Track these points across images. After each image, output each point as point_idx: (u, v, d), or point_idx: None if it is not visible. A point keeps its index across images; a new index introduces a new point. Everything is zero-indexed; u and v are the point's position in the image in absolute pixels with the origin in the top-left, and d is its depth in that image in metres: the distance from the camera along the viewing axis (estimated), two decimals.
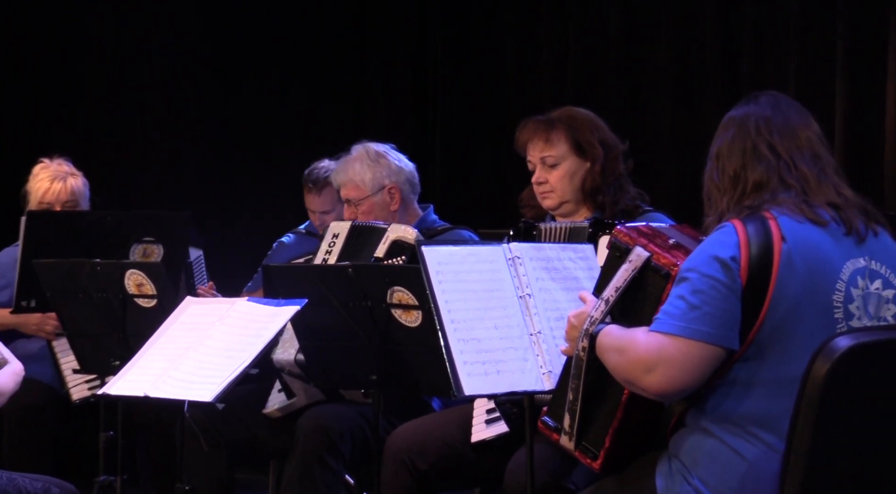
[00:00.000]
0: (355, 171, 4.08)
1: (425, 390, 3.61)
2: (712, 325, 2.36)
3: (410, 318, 3.23)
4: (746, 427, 2.41)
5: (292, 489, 3.72)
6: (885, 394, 2.27)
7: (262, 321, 3.29)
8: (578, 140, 3.50)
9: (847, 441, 2.26)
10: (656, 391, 2.39)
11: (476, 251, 2.98)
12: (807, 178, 2.49)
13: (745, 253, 2.38)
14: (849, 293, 2.43)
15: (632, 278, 2.49)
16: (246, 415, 3.94)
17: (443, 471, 3.40)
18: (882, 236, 2.53)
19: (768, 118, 2.53)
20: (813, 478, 2.24)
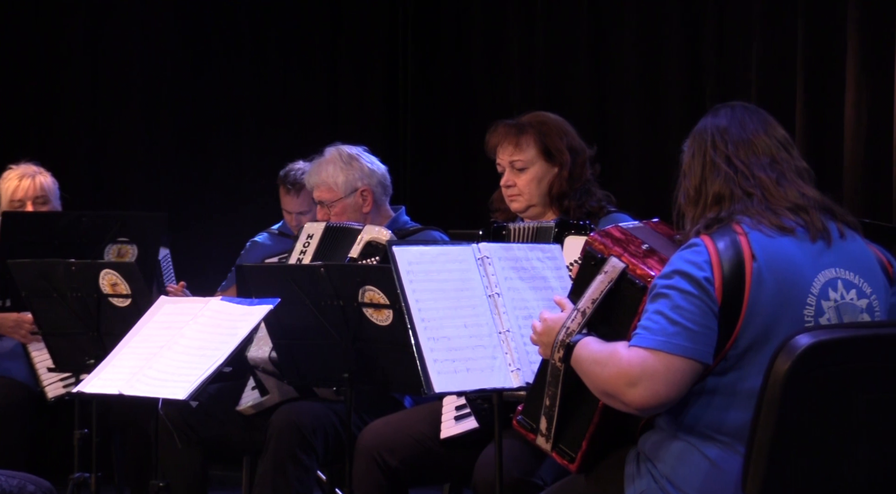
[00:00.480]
0: (328, 173, 4.08)
1: (396, 387, 3.61)
2: (693, 341, 2.36)
3: (381, 317, 3.23)
4: (715, 436, 2.42)
5: (265, 485, 3.71)
6: (844, 391, 2.28)
7: (236, 320, 3.28)
8: (547, 146, 3.51)
9: (807, 437, 2.27)
10: (639, 405, 2.37)
11: (446, 251, 2.98)
12: (766, 184, 2.48)
13: (718, 273, 2.38)
14: (819, 307, 2.43)
15: (608, 291, 2.48)
16: (219, 412, 3.93)
17: (413, 467, 3.40)
18: (850, 238, 2.52)
19: (724, 130, 2.53)
20: (774, 473, 2.25)
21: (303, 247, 3.92)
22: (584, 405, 2.53)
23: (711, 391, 2.42)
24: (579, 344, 2.48)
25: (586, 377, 2.46)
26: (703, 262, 2.39)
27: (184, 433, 3.88)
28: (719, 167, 2.50)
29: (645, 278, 2.45)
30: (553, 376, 2.54)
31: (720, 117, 2.57)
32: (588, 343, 2.47)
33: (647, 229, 2.67)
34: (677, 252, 2.45)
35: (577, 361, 2.48)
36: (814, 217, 2.47)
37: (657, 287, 2.42)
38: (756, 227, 2.44)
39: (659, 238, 2.63)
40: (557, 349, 2.51)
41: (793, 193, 2.49)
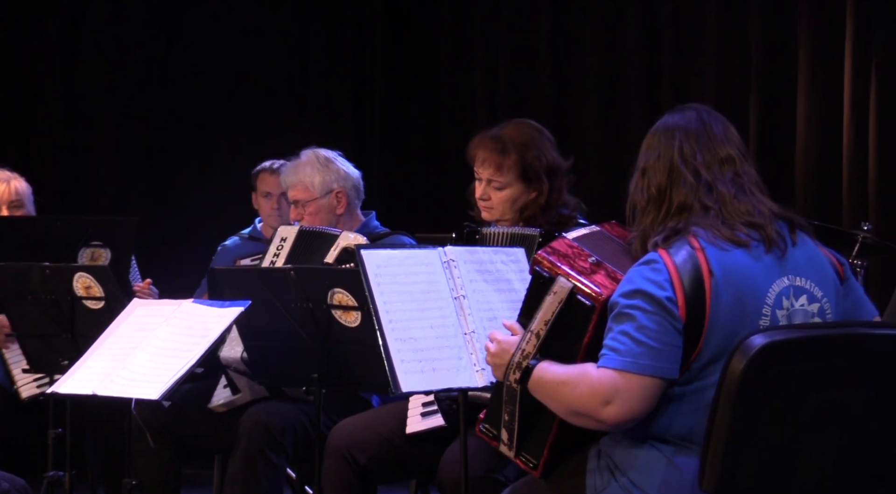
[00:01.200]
0: (306, 173, 4.07)
1: (364, 387, 3.61)
2: (658, 359, 2.37)
3: (350, 318, 3.23)
4: (676, 442, 2.43)
5: (236, 483, 3.70)
6: (796, 390, 2.30)
7: (208, 322, 3.28)
8: (527, 171, 3.45)
9: (762, 434, 2.29)
10: (614, 422, 2.38)
11: (413, 255, 2.99)
12: (725, 199, 2.47)
13: (680, 292, 2.38)
14: (774, 317, 2.44)
15: (559, 312, 2.46)
16: (192, 412, 3.92)
17: (381, 464, 3.40)
18: (806, 245, 2.53)
19: (693, 138, 2.52)
20: (730, 470, 2.27)
21: (276, 250, 3.92)
22: (543, 418, 2.52)
23: (678, 400, 2.42)
24: (538, 368, 2.46)
25: (551, 399, 2.44)
26: (664, 281, 2.39)
27: (156, 432, 3.87)
28: (686, 177, 2.49)
29: (594, 299, 2.43)
30: (510, 395, 2.53)
31: (688, 121, 2.54)
32: (549, 367, 2.45)
33: (602, 233, 2.66)
34: (636, 268, 2.44)
35: (539, 383, 2.46)
36: (768, 231, 2.47)
37: (620, 306, 2.40)
38: (712, 241, 2.43)
39: (613, 242, 2.63)
40: (513, 370, 2.49)
41: (749, 208, 2.48)
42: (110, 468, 4.17)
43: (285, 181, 4.15)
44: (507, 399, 2.54)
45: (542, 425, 2.54)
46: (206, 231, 5.85)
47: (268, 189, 4.78)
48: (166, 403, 3.76)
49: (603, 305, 2.43)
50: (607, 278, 2.47)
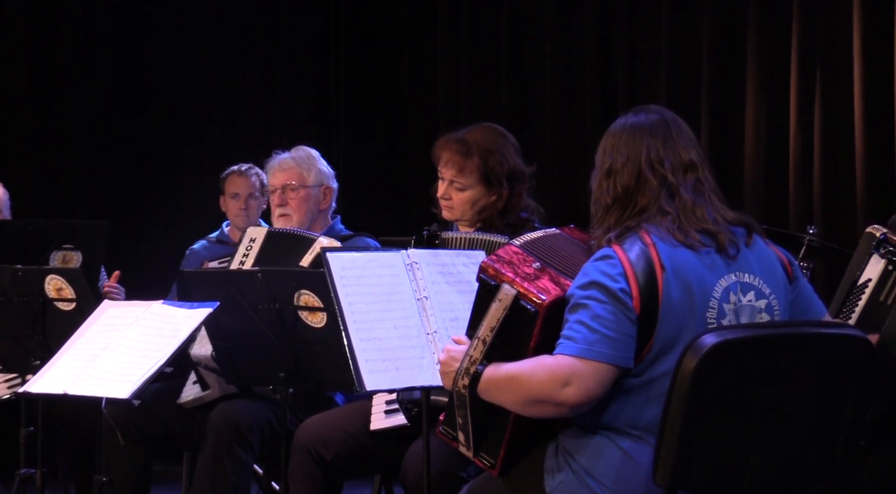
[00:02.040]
0: (304, 160, 4.10)
1: (330, 386, 3.61)
2: (613, 348, 2.38)
3: (316, 319, 3.23)
4: (631, 431, 2.45)
5: (204, 478, 3.69)
6: (745, 386, 2.32)
7: (177, 323, 3.27)
8: (489, 175, 3.45)
9: (712, 429, 2.31)
10: (573, 403, 2.37)
11: (377, 257, 2.99)
12: (685, 206, 2.49)
13: (634, 285, 2.40)
14: (721, 310, 2.46)
15: (504, 318, 2.46)
16: (161, 410, 3.90)
17: (346, 460, 3.40)
18: (757, 246, 2.55)
19: (660, 142, 2.53)
20: (682, 463, 2.29)
21: (245, 250, 3.89)
22: (497, 419, 2.52)
23: (628, 391, 2.44)
24: (487, 370, 2.45)
25: (507, 393, 2.43)
26: (617, 274, 2.40)
27: (127, 430, 3.84)
28: (651, 182, 2.50)
29: (536, 303, 2.43)
30: (460, 400, 2.52)
31: (654, 125, 2.55)
32: (499, 366, 2.45)
33: (560, 235, 2.66)
34: (591, 262, 2.45)
35: (491, 383, 2.45)
36: (721, 238, 2.49)
37: (576, 297, 2.41)
38: (662, 237, 2.45)
39: (572, 244, 2.63)
40: (461, 377, 2.48)
41: (706, 217, 2.50)
42: (81, 465, 4.14)
43: (282, 165, 4.11)
44: (459, 404, 2.53)
45: (496, 425, 2.53)
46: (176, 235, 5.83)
47: (235, 190, 4.80)
48: (136, 402, 3.73)
49: (547, 309, 2.42)
50: (551, 282, 2.46)
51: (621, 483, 2.43)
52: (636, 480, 2.41)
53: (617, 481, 2.43)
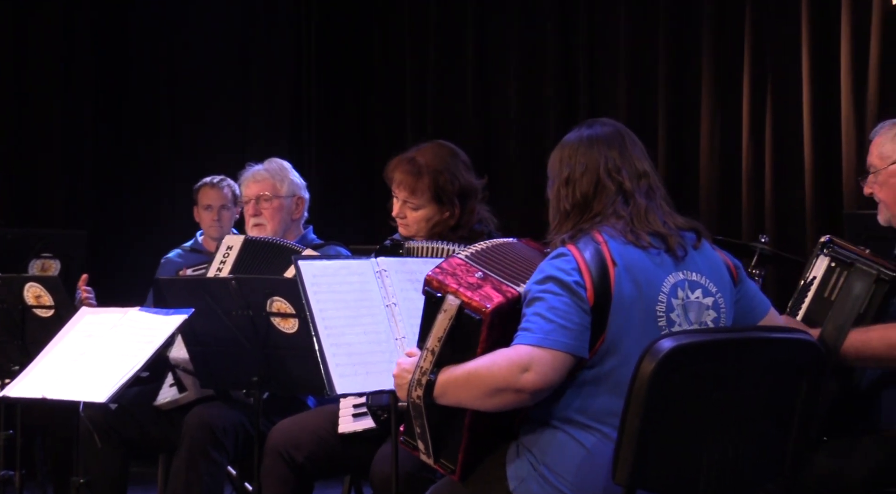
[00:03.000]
0: (277, 173, 4.10)
1: (301, 389, 3.60)
2: (568, 337, 2.39)
3: (288, 325, 3.22)
4: (590, 423, 2.45)
5: (179, 480, 3.67)
6: (701, 389, 2.34)
7: (153, 329, 3.25)
8: (440, 193, 3.44)
9: (669, 430, 2.32)
10: (532, 388, 2.37)
11: (347, 265, 2.99)
12: (639, 211, 2.52)
13: (588, 278, 2.42)
14: (669, 304, 2.48)
15: (450, 327, 2.45)
16: (137, 414, 3.87)
17: (317, 462, 3.39)
18: (704, 249, 2.58)
19: (616, 153, 2.56)
20: (640, 462, 2.30)
21: (223, 257, 3.87)
22: (453, 425, 2.51)
23: (581, 383, 2.45)
24: (441, 374, 2.45)
25: (467, 390, 2.42)
26: (571, 269, 2.43)
27: (104, 433, 3.82)
28: (608, 189, 2.54)
29: (480, 311, 2.42)
30: (416, 411, 2.51)
31: (610, 137, 2.59)
32: (454, 367, 2.44)
33: (516, 244, 2.67)
34: (547, 261, 2.48)
35: (448, 385, 2.44)
36: (671, 240, 2.52)
37: (532, 292, 2.44)
38: (613, 236, 2.49)
39: (526, 251, 2.64)
40: (414, 388, 2.48)
41: (657, 221, 2.54)
42: (59, 467, 4.12)
43: (256, 176, 4.10)
44: (415, 414, 2.52)
45: (452, 432, 2.52)
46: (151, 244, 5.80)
47: (208, 202, 4.77)
48: (113, 405, 3.72)
49: (491, 316, 2.42)
50: (493, 290, 2.46)
51: (581, 479, 2.43)
52: (596, 477, 2.42)
53: (577, 477, 2.43)
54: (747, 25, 5.50)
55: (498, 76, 6.24)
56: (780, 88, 5.45)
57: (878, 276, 2.82)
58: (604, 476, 2.39)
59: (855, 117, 5.22)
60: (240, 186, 4.24)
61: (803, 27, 5.34)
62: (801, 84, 5.34)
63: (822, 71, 5.33)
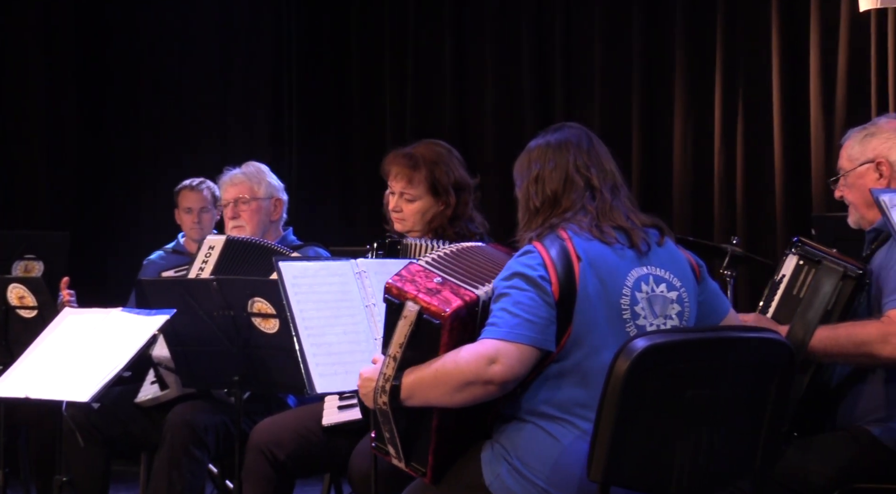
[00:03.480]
0: (254, 175, 4.12)
1: (282, 388, 3.59)
2: (534, 331, 2.40)
3: (269, 325, 3.21)
4: (559, 415, 2.46)
5: (161, 478, 3.65)
6: (673, 387, 2.35)
7: (135, 329, 3.24)
8: (436, 184, 3.47)
9: (643, 427, 2.33)
10: (500, 380, 2.37)
11: (327, 266, 2.98)
12: (605, 205, 2.55)
13: (553, 273, 2.43)
14: (634, 297, 2.49)
15: (411, 333, 2.44)
16: (119, 413, 3.86)
17: (298, 460, 3.38)
18: (668, 246, 2.60)
19: (585, 153, 2.59)
20: (615, 458, 2.31)
21: (204, 257, 3.86)
22: (421, 429, 2.50)
23: (549, 376, 2.46)
24: (406, 377, 2.44)
25: (435, 388, 2.41)
26: (537, 264, 2.44)
27: (86, 431, 3.80)
28: (577, 184, 2.56)
29: (439, 316, 2.41)
30: (383, 416, 2.50)
31: (578, 138, 2.62)
32: (418, 369, 2.43)
33: (479, 248, 2.67)
34: (514, 258, 2.49)
35: (416, 386, 2.43)
36: (634, 235, 2.55)
37: (499, 288, 2.45)
38: (577, 233, 2.51)
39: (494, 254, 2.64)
40: (380, 394, 2.47)
41: (621, 216, 2.56)
42: (42, 466, 4.09)
43: (233, 180, 4.13)
44: (383, 420, 2.51)
45: (421, 435, 2.51)
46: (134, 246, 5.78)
47: (188, 205, 4.75)
48: (96, 404, 3.70)
49: (451, 320, 2.41)
50: (452, 294, 2.45)
51: (554, 471, 2.43)
52: (568, 470, 2.42)
53: (550, 469, 2.43)
54: (719, 33, 5.53)
55: (475, 80, 6.25)
56: (750, 93, 5.48)
57: (844, 273, 2.84)
58: (577, 468, 2.40)
59: (824, 123, 5.25)
60: (219, 189, 4.24)
61: (773, 35, 5.38)
62: (772, 90, 5.37)
63: (792, 77, 5.37)
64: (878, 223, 3.01)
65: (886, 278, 2.85)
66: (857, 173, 3.04)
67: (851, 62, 5.22)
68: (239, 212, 4.06)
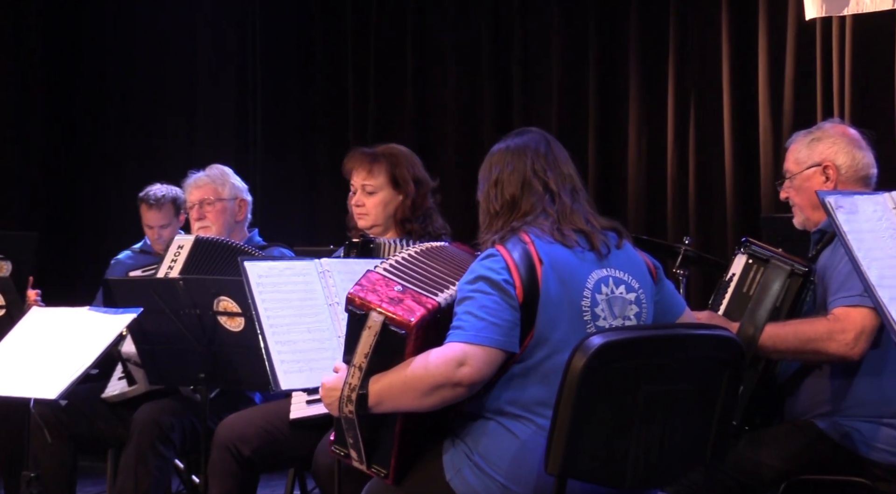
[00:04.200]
0: (217, 177, 4.12)
1: (247, 386, 3.57)
2: (498, 333, 2.40)
3: (234, 324, 3.20)
4: (521, 413, 2.46)
5: (128, 473, 3.63)
6: (628, 382, 2.36)
7: (102, 328, 3.21)
8: (396, 175, 3.49)
9: (598, 420, 2.34)
10: (469, 381, 2.37)
11: (292, 266, 2.97)
12: (564, 209, 2.55)
13: (516, 276, 2.43)
14: (594, 299, 2.50)
15: (376, 343, 2.42)
16: (87, 409, 3.83)
17: (262, 455, 3.37)
18: (626, 249, 2.61)
19: (542, 157, 2.59)
20: (571, 452, 2.31)
21: (173, 256, 3.84)
22: (384, 432, 2.48)
23: (512, 376, 2.46)
24: (374, 385, 2.42)
25: (405, 394, 2.40)
26: (500, 268, 2.44)
27: (54, 428, 3.77)
28: (535, 188, 2.56)
29: (405, 326, 2.39)
30: (348, 424, 2.48)
31: (536, 142, 2.61)
32: (385, 376, 2.42)
33: (439, 250, 2.65)
34: (478, 261, 2.48)
35: (384, 394, 2.41)
36: (593, 237, 2.55)
37: (464, 291, 2.44)
38: (539, 236, 2.51)
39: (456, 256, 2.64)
40: (345, 403, 2.44)
41: (581, 219, 2.56)
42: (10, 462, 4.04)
43: (197, 182, 4.12)
44: (347, 427, 2.49)
45: (385, 439, 2.49)
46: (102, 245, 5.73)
47: (148, 222, 4.64)
48: (63, 402, 3.66)
49: (416, 329, 2.40)
50: (414, 302, 2.43)
51: (514, 467, 2.43)
52: (528, 466, 2.43)
53: (510, 465, 2.44)
54: (671, 41, 5.57)
55: (436, 86, 6.25)
56: (702, 99, 5.52)
57: (791, 271, 2.87)
58: (536, 465, 2.40)
59: (772, 127, 5.31)
60: (184, 192, 4.22)
61: (723, 43, 5.43)
62: (722, 96, 5.42)
63: (742, 84, 5.42)
64: (822, 224, 3.04)
65: (831, 277, 2.88)
66: (804, 176, 3.06)
67: (798, 69, 5.28)
68: (204, 213, 4.06)
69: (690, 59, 5.56)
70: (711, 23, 5.49)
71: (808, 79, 5.25)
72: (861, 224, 2.72)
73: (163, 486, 3.67)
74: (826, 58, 5.20)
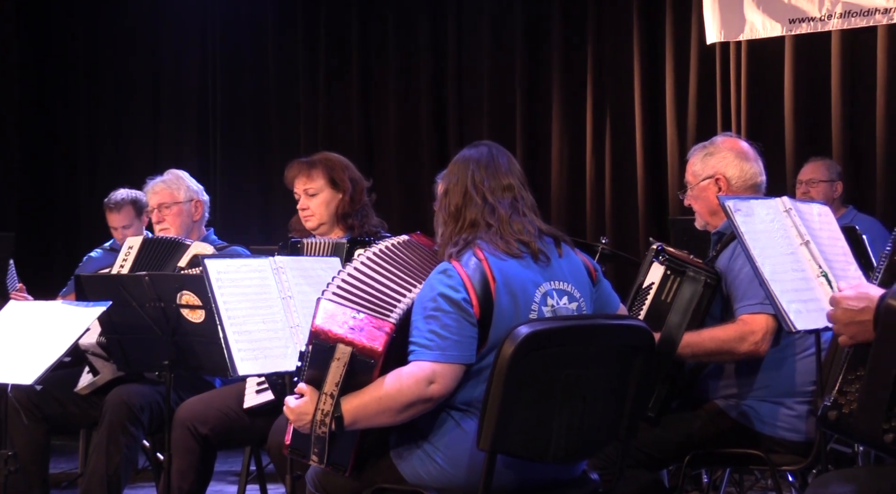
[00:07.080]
0: (173, 182, 4.07)
1: (208, 371, 3.51)
2: (460, 349, 2.38)
3: (196, 316, 3.14)
4: (468, 408, 2.44)
5: (100, 452, 3.56)
6: (552, 367, 2.36)
7: (74, 319, 3.14)
8: (333, 177, 3.53)
9: (526, 403, 2.33)
10: (439, 396, 2.37)
11: (248, 263, 2.94)
12: (503, 219, 2.51)
13: (473, 294, 2.39)
14: (541, 312, 2.47)
15: (346, 372, 2.37)
16: (60, 394, 3.76)
17: (219, 434, 3.34)
18: (568, 255, 2.58)
19: (483, 168, 2.55)
20: (501, 430, 2.30)
21: (124, 256, 3.85)
22: (346, 437, 2.43)
23: (467, 378, 2.43)
24: (346, 404, 2.37)
25: (380, 414, 2.36)
26: (458, 285, 2.40)
27: (29, 411, 3.69)
28: (476, 200, 2.52)
29: (373, 355, 2.35)
30: (318, 440, 2.41)
31: (481, 154, 2.57)
32: (356, 397, 2.37)
33: (411, 242, 2.61)
34: (435, 275, 2.43)
35: (359, 414, 2.37)
36: (533, 246, 2.51)
37: (426, 309, 2.39)
38: (492, 252, 2.46)
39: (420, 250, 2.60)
40: (318, 426, 2.39)
41: (521, 227, 2.52)
42: None
43: (154, 188, 4.09)
44: (316, 442, 2.43)
45: (345, 441, 2.45)
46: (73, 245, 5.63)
47: (112, 224, 4.59)
48: (38, 386, 3.58)
49: (382, 355, 2.35)
50: (375, 329, 2.37)
51: (453, 448, 2.43)
52: (463, 449, 2.42)
53: (450, 447, 2.43)
54: (589, 62, 5.62)
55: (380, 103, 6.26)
56: (616, 114, 5.58)
57: (705, 281, 2.89)
58: (470, 447, 2.38)
59: (678, 139, 5.37)
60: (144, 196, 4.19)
61: (635, 63, 5.48)
62: (634, 110, 5.48)
63: (651, 100, 5.48)
64: (721, 227, 3.08)
65: (734, 284, 2.90)
66: (701, 187, 3.11)
67: (700, 87, 5.35)
68: (163, 216, 4.04)
69: (606, 78, 5.61)
70: (624, 46, 5.55)
71: (709, 96, 5.32)
72: (756, 225, 2.75)
73: (132, 463, 3.62)
74: (725, 77, 5.27)
